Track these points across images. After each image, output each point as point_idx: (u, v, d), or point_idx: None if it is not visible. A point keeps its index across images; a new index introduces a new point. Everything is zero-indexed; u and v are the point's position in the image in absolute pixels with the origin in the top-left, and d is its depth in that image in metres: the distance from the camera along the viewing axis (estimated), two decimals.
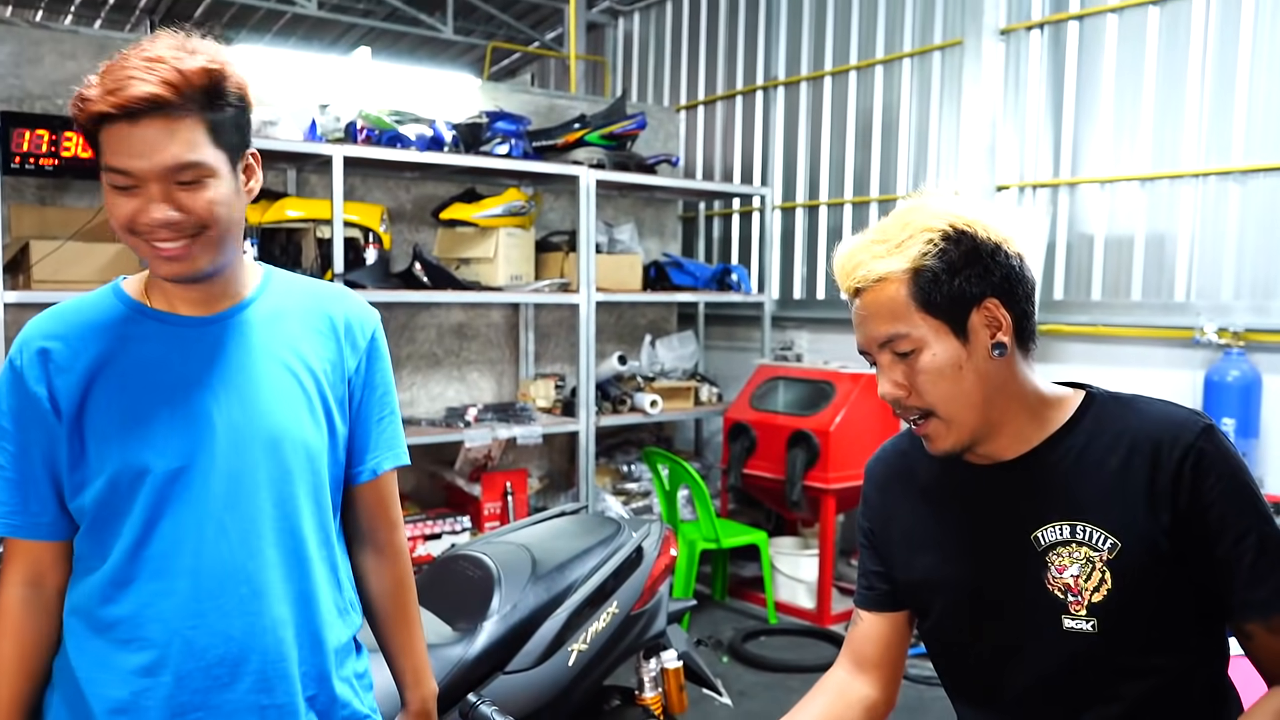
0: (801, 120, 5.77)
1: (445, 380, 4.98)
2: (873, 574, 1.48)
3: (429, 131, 4.34)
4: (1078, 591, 1.25)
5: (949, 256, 1.24)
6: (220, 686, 1.31)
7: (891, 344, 1.26)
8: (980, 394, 1.26)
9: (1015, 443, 1.30)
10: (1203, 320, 3.96)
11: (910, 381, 1.26)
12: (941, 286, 1.23)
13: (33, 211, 3.77)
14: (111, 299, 1.35)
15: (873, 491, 1.50)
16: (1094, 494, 1.25)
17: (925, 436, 1.30)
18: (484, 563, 2.17)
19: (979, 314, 1.25)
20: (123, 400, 1.29)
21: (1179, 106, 4.14)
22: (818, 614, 4.71)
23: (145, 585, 1.29)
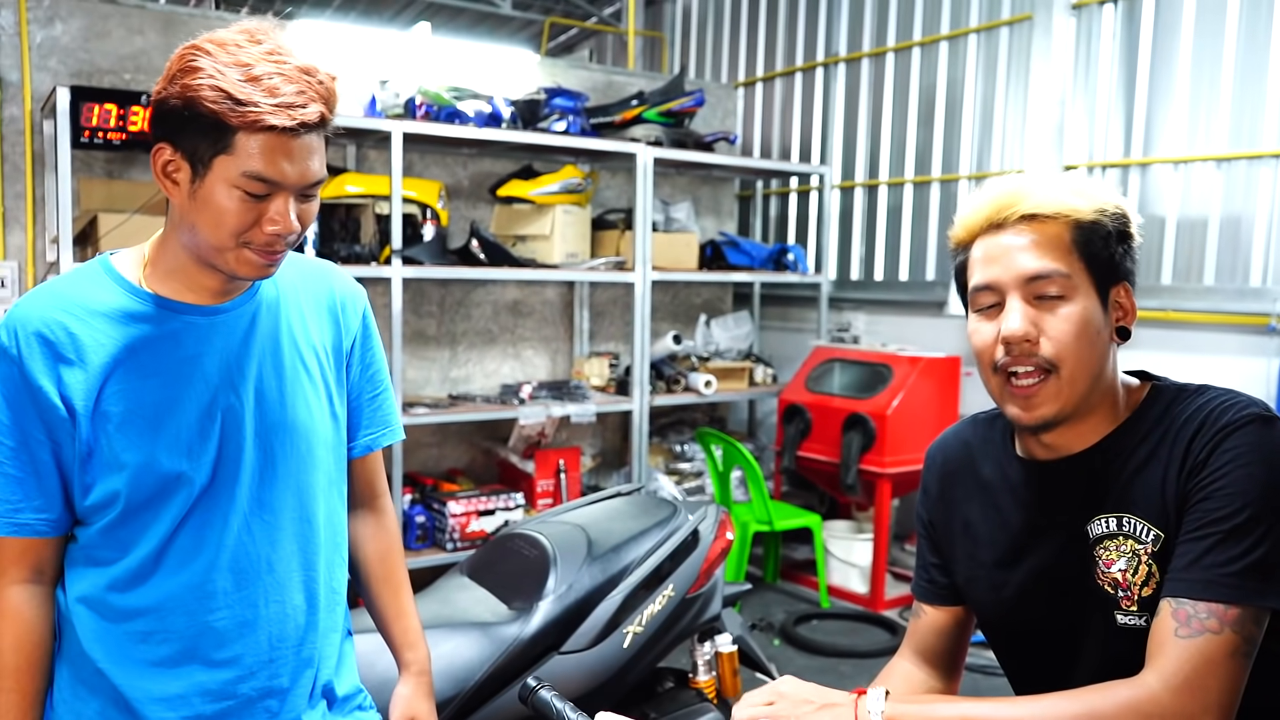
0: (863, 98, 5.67)
1: (500, 357, 5.00)
2: (932, 566, 1.45)
3: (487, 108, 4.34)
4: (1126, 586, 1.21)
5: (1118, 224, 1.23)
6: (248, 675, 1.33)
7: (1042, 282, 1.20)
8: (1100, 368, 1.23)
9: (1088, 434, 1.26)
10: (1279, 307, 3.82)
11: (1044, 328, 1.20)
12: (1109, 245, 1.22)
13: (101, 185, 3.84)
14: (109, 282, 1.28)
15: (933, 481, 1.46)
16: (1143, 486, 1.21)
17: (1029, 398, 1.21)
18: (540, 542, 2.17)
19: (1116, 291, 1.24)
20: (142, 398, 1.25)
21: (1260, 83, 3.99)
22: (870, 599, 4.67)
23: (168, 579, 1.28)
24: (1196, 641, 1.07)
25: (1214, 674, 1.06)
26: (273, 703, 1.35)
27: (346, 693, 1.47)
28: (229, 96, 1.14)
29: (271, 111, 1.15)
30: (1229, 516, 1.11)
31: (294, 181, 1.20)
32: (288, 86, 1.16)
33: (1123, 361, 1.33)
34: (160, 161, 1.21)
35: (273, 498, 1.34)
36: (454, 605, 2.10)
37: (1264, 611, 1.10)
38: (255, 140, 1.16)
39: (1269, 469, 1.12)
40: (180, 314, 1.29)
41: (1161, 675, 1.07)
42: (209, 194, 1.19)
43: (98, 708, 1.29)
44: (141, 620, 1.28)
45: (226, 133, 1.16)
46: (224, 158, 1.17)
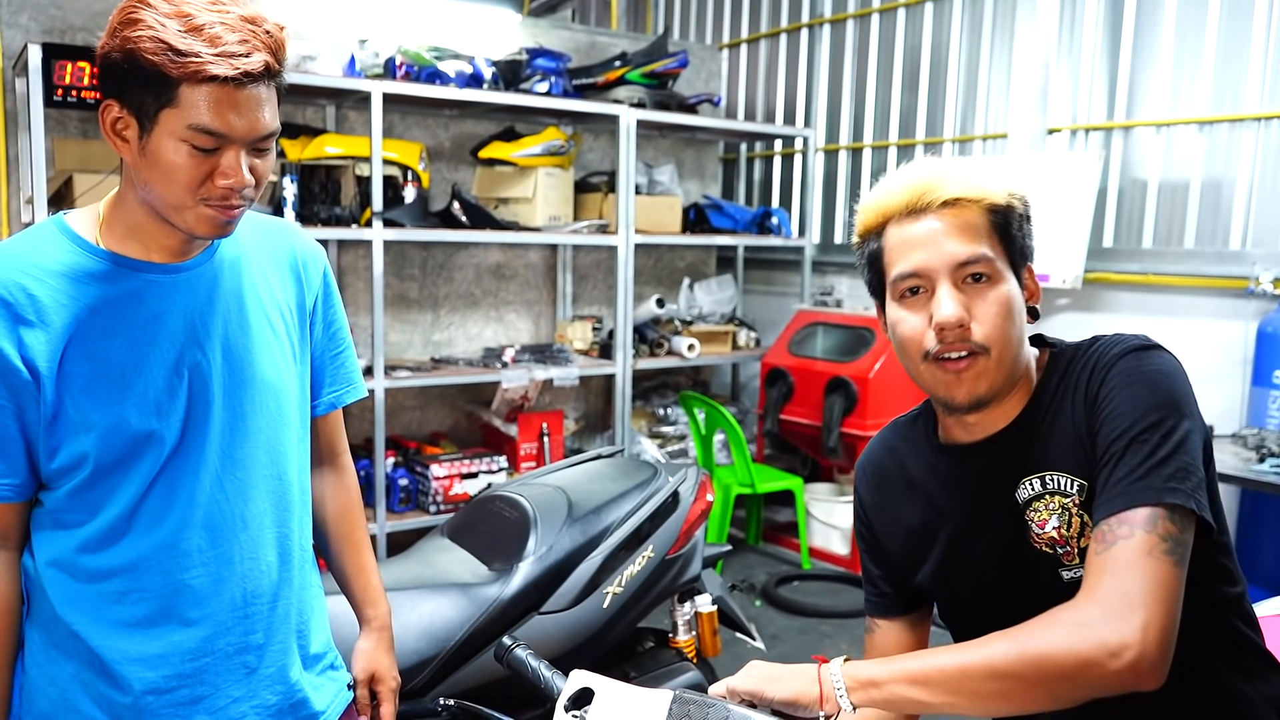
0: (847, 60, 5.63)
1: (483, 320, 4.98)
2: (877, 579, 1.46)
3: (468, 68, 4.29)
4: (1064, 542, 1.23)
5: (1023, 208, 1.27)
6: (224, 631, 1.33)
7: (971, 266, 1.21)
8: (1019, 347, 1.26)
9: (1009, 410, 1.29)
10: (1258, 270, 3.84)
11: (974, 312, 1.21)
12: (1021, 229, 1.26)
13: (76, 145, 3.79)
14: (66, 242, 1.25)
15: (867, 493, 1.47)
16: (1057, 442, 1.24)
17: (957, 376, 1.23)
18: (520, 504, 2.18)
19: (1026, 272, 1.29)
20: (107, 357, 1.23)
21: (1243, 46, 3.98)
22: (851, 560, 4.72)
23: (141, 538, 1.27)
24: (1112, 550, 1.09)
25: (1133, 574, 1.06)
26: (250, 658, 1.36)
27: (318, 651, 1.47)
28: (170, 48, 1.12)
29: (213, 61, 1.13)
30: (1121, 435, 1.15)
31: (242, 134, 1.17)
32: (230, 35, 1.14)
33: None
34: (109, 119, 1.19)
35: (244, 455, 1.34)
36: (435, 566, 2.11)
37: (1176, 510, 1.10)
38: (199, 92, 1.14)
39: (1150, 385, 1.16)
40: (140, 272, 1.27)
41: (1087, 589, 1.08)
42: (157, 149, 1.17)
43: (73, 670, 1.28)
44: (116, 580, 1.27)
45: (169, 85, 1.13)
46: (169, 111, 1.15)
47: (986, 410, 1.28)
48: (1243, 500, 3.81)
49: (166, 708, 1.30)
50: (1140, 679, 1.03)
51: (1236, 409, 3.87)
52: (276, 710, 1.39)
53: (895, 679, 1.11)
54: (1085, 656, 1.02)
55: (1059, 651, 1.04)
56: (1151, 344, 1.22)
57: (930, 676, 1.09)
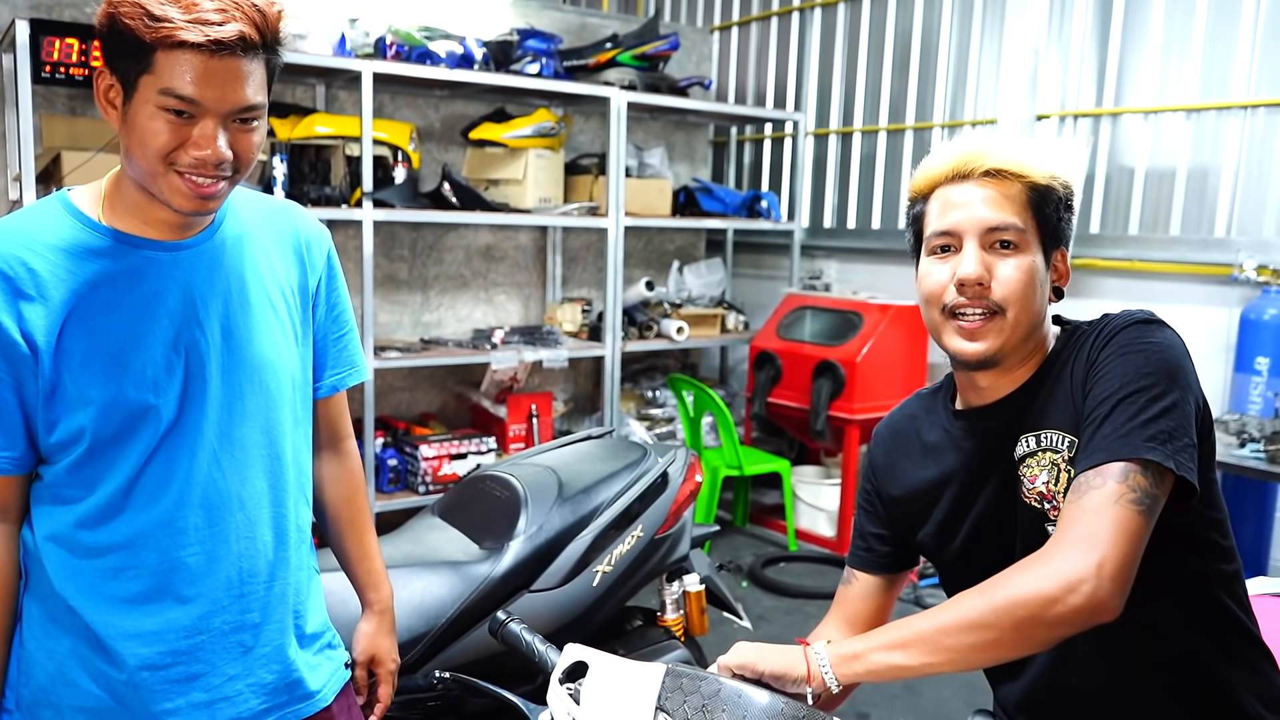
0: (838, 43, 5.63)
1: (472, 302, 4.98)
2: (872, 535, 1.51)
3: (459, 49, 4.28)
4: (1051, 497, 1.27)
5: (1066, 193, 1.33)
6: (219, 609, 1.34)
7: (1000, 233, 1.28)
8: (1038, 318, 1.31)
9: (1018, 378, 1.34)
10: (1242, 257, 3.88)
11: (995, 274, 1.28)
12: (1057, 209, 1.32)
13: (64, 122, 3.77)
14: (68, 217, 1.26)
15: (880, 455, 1.53)
16: (1055, 403, 1.29)
17: (973, 331, 1.29)
18: (511, 483, 2.20)
19: (1057, 255, 1.34)
20: (106, 333, 1.24)
21: (1231, 34, 4.00)
22: (837, 542, 4.76)
23: (138, 515, 1.28)
24: (1083, 500, 1.13)
25: (1097, 519, 1.10)
26: (246, 636, 1.37)
27: (314, 630, 1.49)
28: (146, 13, 1.13)
29: (184, 26, 1.13)
30: (1109, 397, 1.19)
31: (214, 103, 1.17)
32: (208, 3, 1.15)
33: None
34: (102, 86, 1.20)
35: (241, 434, 1.34)
36: (426, 545, 2.13)
37: (1150, 466, 1.13)
38: (173, 57, 1.14)
39: (1145, 355, 1.21)
40: (141, 249, 1.27)
41: (1055, 536, 1.13)
42: (135, 115, 1.17)
43: (70, 645, 1.29)
44: (112, 557, 1.28)
45: (146, 51, 1.14)
46: (147, 77, 1.16)
47: (996, 372, 1.33)
48: (1224, 485, 3.86)
49: (162, 684, 1.31)
50: (1097, 612, 1.08)
51: (1219, 394, 3.92)
52: (273, 689, 1.40)
53: (875, 648, 1.15)
54: (1046, 594, 1.07)
55: (1024, 593, 1.09)
56: (1156, 319, 1.27)
57: (907, 640, 1.13)
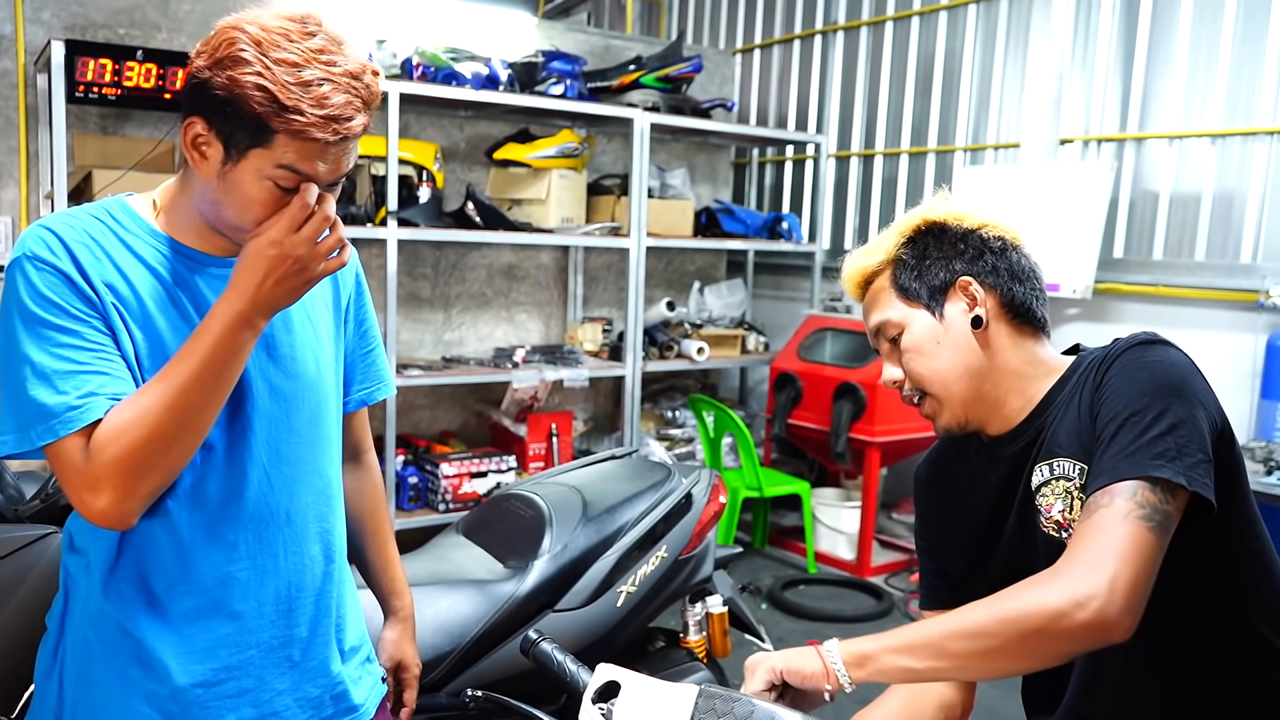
0: (860, 66, 5.65)
1: (494, 321, 5.01)
2: (930, 572, 1.53)
3: (484, 70, 4.32)
4: (1067, 525, 1.26)
5: (917, 246, 1.38)
6: (268, 624, 1.34)
7: (883, 331, 1.38)
8: (963, 366, 1.33)
9: (1015, 413, 1.36)
10: (1268, 283, 3.85)
11: (903, 364, 1.37)
12: (913, 272, 1.37)
13: (96, 141, 3.82)
14: (130, 220, 1.27)
15: (921, 493, 1.56)
16: (1066, 430, 1.28)
17: (927, 417, 1.39)
18: (536, 503, 2.20)
19: (955, 293, 1.35)
20: (158, 336, 1.24)
21: (1257, 60, 4.00)
22: (857, 565, 4.73)
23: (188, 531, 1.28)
24: (1094, 517, 1.12)
25: (1107, 535, 1.09)
26: (294, 651, 1.37)
27: (354, 644, 1.49)
28: (275, 100, 1.12)
29: (318, 124, 1.13)
30: (1115, 418, 1.19)
31: (326, 179, 1.20)
32: (337, 97, 1.14)
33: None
34: (191, 134, 1.19)
35: (289, 450, 1.35)
36: (451, 563, 2.13)
37: (1159, 483, 1.12)
38: (296, 143, 1.15)
39: (1149, 374, 1.20)
40: (199, 262, 1.29)
41: (1065, 553, 1.12)
42: (239, 180, 1.17)
43: (120, 667, 1.28)
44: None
45: (267, 131, 1.14)
46: (261, 150, 1.15)
47: (979, 424, 1.37)
48: None
49: (213, 700, 1.31)
50: (1106, 630, 1.06)
51: (1245, 422, 3.89)
52: (318, 702, 1.40)
53: (884, 650, 1.15)
54: (1054, 608, 1.06)
55: (1031, 606, 1.08)
56: (1158, 339, 1.26)
57: (915, 644, 1.14)
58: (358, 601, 1.54)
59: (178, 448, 1.18)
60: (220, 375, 1.19)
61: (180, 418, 1.16)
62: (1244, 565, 1.26)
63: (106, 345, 1.20)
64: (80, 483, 1.15)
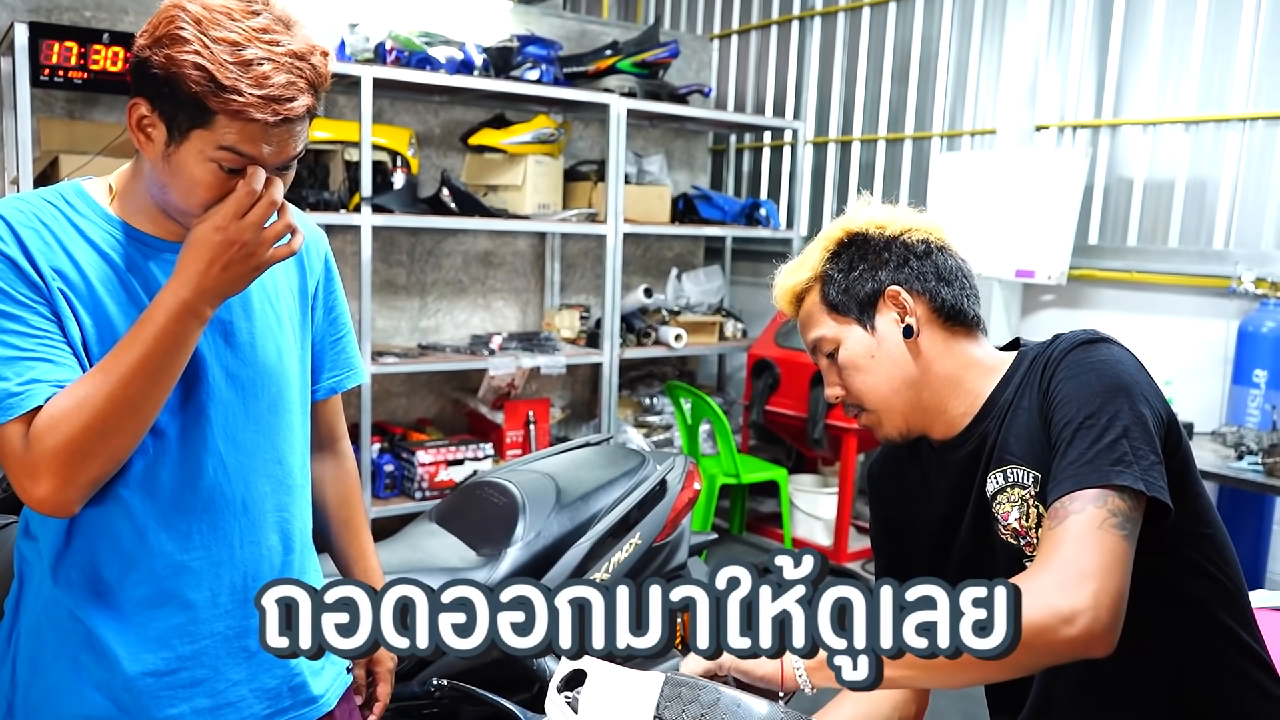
0: (838, 52, 5.64)
1: (470, 308, 4.98)
2: (886, 571, 1.53)
3: (459, 54, 4.28)
4: (1025, 533, 1.27)
5: (842, 260, 1.37)
6: (223, 614, 1.33)
7: (819, 348, 1.39)
8: (900, 378, 1.34)
9: (958, 418, 1.35)
10: (1240, 269, 3.88)
11: (841, 382, 1.37)
12: (840, 286, 1.37)
13: (62, 125, 3.76)
14: (84, 205, 1.25)
15: (872, 493, 1.56)
16: (1018, 436, 1.28)
17: (868, 428, 1.40)
18: (509, 490, 2.19)
19: (884, 303, 1.35)
20: (111, 322, 1.22)
21: (1230, 47, 4.01)
22: (834, 551, 4.75)
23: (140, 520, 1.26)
24: (1064, 525, 1.12)
25: (1084, 545, 1.09)
26: (250, 641, 1.35)
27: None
28: (212, 79, 1.10)
29: (256, 104, 1.11)
30: (1068, 424, 1.19)
31: (271, 161, 1.18)
32: (278, 76, 1.13)
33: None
34: (136, 115, 1.18)
35: (246, 439, 1.34)
36: (423, 551, 2.12)
37: (1125, 490, 1.12)
38: (236, 124, 1.13)
39: (1097, 374, 1.21)
40: (152, 247, 1.27)
41: (1040, 560, 1.12)
42: (183, 162, 1.16)
43: (71, 653, 1.28)
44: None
45: (207, 111, 1.12)
46: (202, 131, 1.14)
47: (922, 431, 1.38)
48: (1221, 497, 3.86)
49: (165, 690, 1.29)
50: (1091, 645, 1.06)
51: (1218, 407, 3.92)
52: (275, 693, 1.39)
53: None
54: (1039, 624, 1.05)
55: None
56: (1100, 337, 1.26)
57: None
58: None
59: (119, 437, 1.17)
60: (165, 364, 1.17)
61: (121, 407, 1.15)
62: (1198, 553, 1.27)
63: (51, 332, 1.18)
64: (20, 470, 1.14)
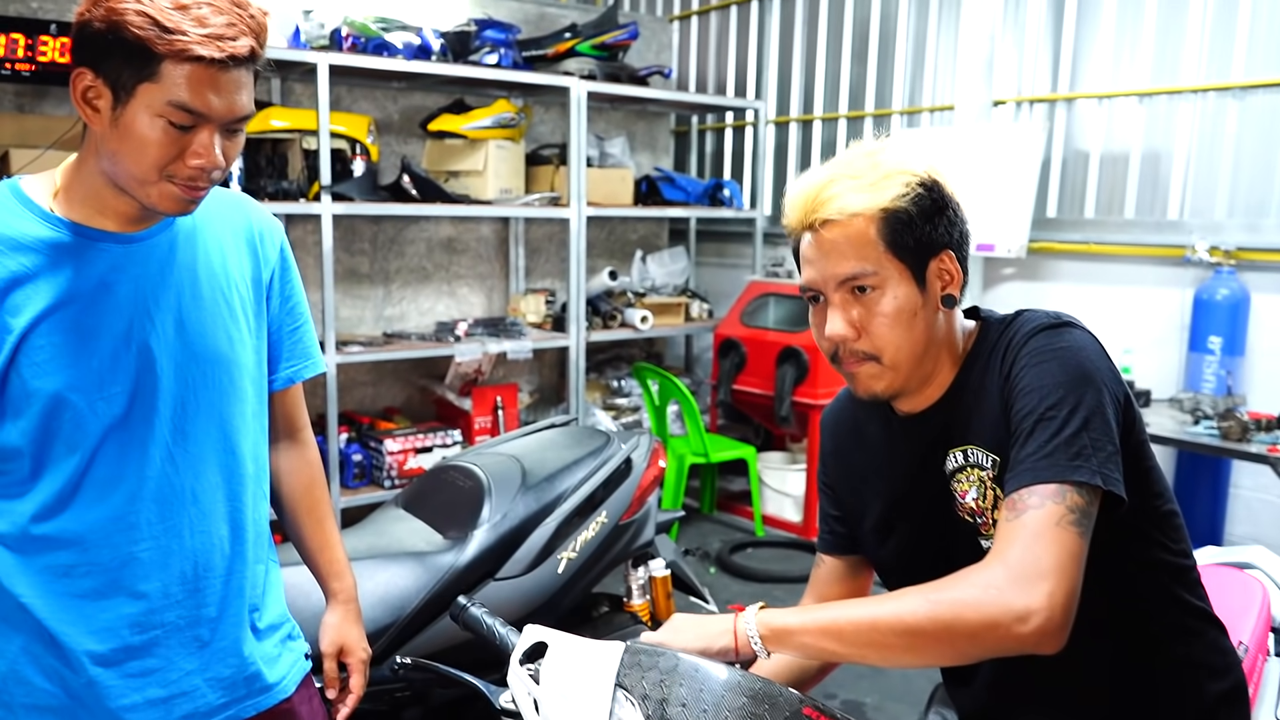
0: (797, 31, 5.66)
1: (435, 295, 4.96)
2: (831, 518, 1.53)
3: (416, 40, 4.25)
4: (981, 513, 1.28)
5: (923, 202, 1.26)
6: (174, 604, 1.33)
7: (854, 281, 1.25)
8: (924, 343, 1.29)
9: (935, 391, 1.34)
10: (1195, 238, 3.94)
11: (863, 324, 1.26)
12: (913, 230, 1.25)
13: (11, 119, 3.70)
14: (19, 207, 1.24)
15: (828, 441, 1.54)
16: (980, 417, 1.28)
17: (855, 377, 1.30)
18: (474, 473, 2.20)
19: (936, 264, 1.28)
20: (56, 325, 1.22)
21: (1181, 20, 4.07)
22: (804, 527, 4.79)
23: (87, 511, 1.26)
24: (1022, 519, 1.12)
25: (1041, 542, 1.10)
26: (202, 631, 1.36)
27: (272, 622, 1.48)
28: (156, 23, 1.12)
29: (200, 41, 1.13)
30: (1031, 411, 1.18)
31: (220, 114, 1.18)
32: (217, 18, 1.15)
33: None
34: (80, 87, 1.18)
35: (195, 429, 1.33)
36: (389, 536, 2.12)
37: (1083, 486, 1.13)
38: (182, 70, 1.14)
39: (1060, 362, 1.20)
40: (95, 241, 1.26)
41: (997, 553, 1.12)
42: (131, 122, 1.16)
43: (22, 643, 1.27)
44: (63, 553, 1.27)
45: (152, 60, 1.13)
46: (148, 85, 1.14)
47: (904, 399, 1.34)
48: (1180, 461, 3.94)
49: (117, 679, 1.30)
50: (1042, 643, 1.08)
51: (1174, 374, 3.99)
52: (230, 683, 1.39)
53: (807, 629, 1.15)
54: (992, 619, 1.07)
55: (968, 612, 1.08)
56: (1063, 320, 1.26)
57: (842, 629, 1.13)
58: (278, 579, 1.52)
59: None
60: None
61: None
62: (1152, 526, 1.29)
63: None
64: None
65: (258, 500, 1.45)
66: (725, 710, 0.97)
